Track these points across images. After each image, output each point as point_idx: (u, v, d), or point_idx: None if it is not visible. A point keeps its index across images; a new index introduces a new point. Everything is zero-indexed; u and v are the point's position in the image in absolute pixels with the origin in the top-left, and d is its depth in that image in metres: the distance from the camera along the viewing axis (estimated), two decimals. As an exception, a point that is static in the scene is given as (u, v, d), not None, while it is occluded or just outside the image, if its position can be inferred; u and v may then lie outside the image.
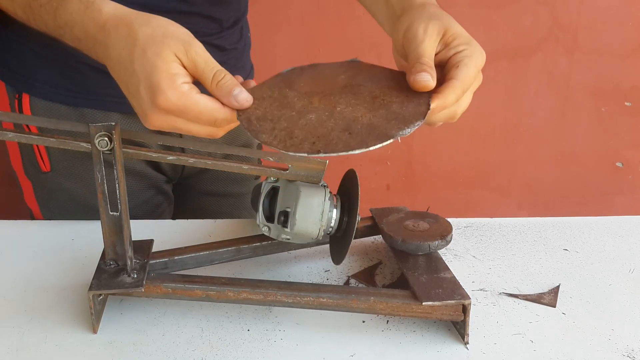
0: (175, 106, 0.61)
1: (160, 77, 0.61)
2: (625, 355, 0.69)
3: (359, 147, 0.58)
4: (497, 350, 0.69)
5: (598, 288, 0.81)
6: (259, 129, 0.62)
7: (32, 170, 1.00)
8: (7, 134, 0.68)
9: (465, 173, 1.77)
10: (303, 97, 0.65)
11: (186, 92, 0.61)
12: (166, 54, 0.61)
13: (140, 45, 0.62)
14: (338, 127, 0.61)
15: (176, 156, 0.70)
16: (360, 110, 0.62)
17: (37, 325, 0.71)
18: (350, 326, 0.72)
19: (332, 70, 0.68)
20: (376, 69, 0.68)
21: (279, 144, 0.60)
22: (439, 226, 0.80)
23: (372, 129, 0.60)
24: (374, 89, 0.65)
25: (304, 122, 0.62)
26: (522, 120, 1.71)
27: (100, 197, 0.69)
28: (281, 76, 0.68)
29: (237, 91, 0.63)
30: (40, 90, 0.93)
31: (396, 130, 0.59)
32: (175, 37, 0.63)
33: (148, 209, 1.03)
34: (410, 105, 0.63)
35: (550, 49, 1.65)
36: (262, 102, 0.64)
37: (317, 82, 0.67)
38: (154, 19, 0.64)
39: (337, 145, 0.59)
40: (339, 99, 0.64)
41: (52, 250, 0.87)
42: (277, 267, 0.84)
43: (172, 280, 0.71)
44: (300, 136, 0.61)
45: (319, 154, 0.59)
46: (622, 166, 1.80)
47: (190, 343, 0.69)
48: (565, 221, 0.99)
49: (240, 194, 1.13)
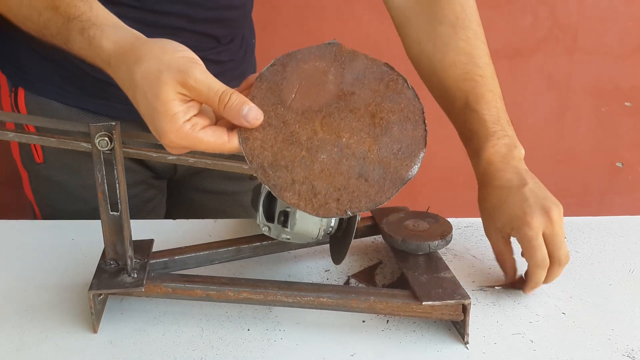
0: (182, 145, 0.62)
1: (161, 120, 0.60)
2: (625, 355, 0.69)
3: (380, 200, 0.64)
4: (497, 350, 0.69)
5: (598, 288, 0.81)
6: (279, 183, 0.63)
7: (27, 161, 1.02)
8: (7, 133, 0.69)
9: (466, 173, 1.76)
10: (303, 120, 0.65)
11: (188, 133, 0.60)
12: (164, 94, 0.60)
13: (140, 89, 0.61)
14: (353, 173, 0.64)
15: (176, 156, 0.70)
16: (366, 141, 0.65)
17: (37, 325, 0.71)
18: (350, 326, 0.72)
19: (313, 64, 0.67)
20: (358, 60, 0.68)
21: (307, 206, 0.63)
22: (439, 226, 0.80)
23: (386, 171, 0.64)
24: (366, 97, 0.66)
25: (319, 168, 0.64)
26: (522, 120, 1.71)
27: (100, 196, 0.69)
28: (265, 81, 0.66)
29: (246, 110, 0.61)
30: (35, 86, 0.94)
31: (406, 170, 0.65)
32: (171, 69, 0.60)
33: (138, 203, 1.03)
34: (408, 126, 0.66)
35: (550, 49, 1.65)
36: (265, 134, 0.64)
37: (307, 91, 0.66)
38: (149, 50, 0.62)
39: (360, 202, 0.63)
40: (340, 122, 0.65)
41: (52, 250, 0.87)
42: (277, 267, 0.84)
43: (172, 280, 0.71)
44: (323, 191, 0.63)
45: (347, 214, 0.63)
46: (622, 166, 1.80)
47: (190, 343, 0.69)
48: (565, 221, 0.98)
49: (235, 192, 1.14)
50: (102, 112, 0.94)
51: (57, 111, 0.94)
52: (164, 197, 1.11)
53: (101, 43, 0.65)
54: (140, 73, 0.61)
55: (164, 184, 1.10)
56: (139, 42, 0.64)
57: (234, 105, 0.61)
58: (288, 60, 0.67)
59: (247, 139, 0.63)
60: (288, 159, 0.64)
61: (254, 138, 0.63)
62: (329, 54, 0.68)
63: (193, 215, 1.11)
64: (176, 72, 0.60)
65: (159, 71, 0.60)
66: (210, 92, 0.60)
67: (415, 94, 0.66)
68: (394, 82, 0.67)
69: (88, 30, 0.66)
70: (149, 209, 1.06)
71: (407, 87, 0.67)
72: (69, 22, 0.68)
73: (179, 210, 1.14)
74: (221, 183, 1.12)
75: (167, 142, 0.62)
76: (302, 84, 0.66)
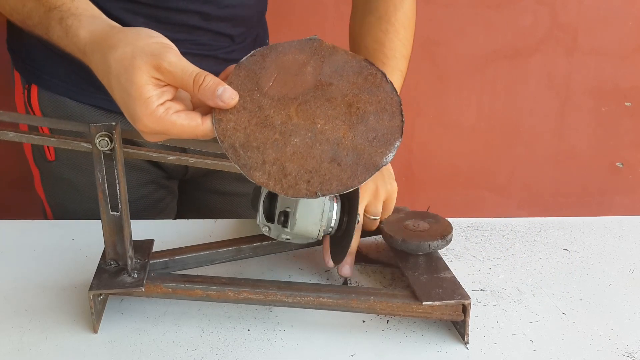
0: (155, 130, 0.61)
1: (135, 104, 0.60)
2: (625, 355, 0.69)
3: (352, 184, 0.62)
4: (497, 350, 0.69)
5: (598, 288, 0.81)
6: (249, 162, 0.62)
7: (39, 159, 1.02)
8: (7, 133, 0.69)
9: (466, 173, 1.77)
10: (278, 106, 0.64)
11: (162, 116, 0.60)
12: (138, 78, 0.60)
13: (114, 74, 0.61)
14: (326, 157, 0.63)
15: (176, 156, 0.70)
16: (340, 128, 0.64)
17: (37, 325, 0.71)
18: (350, 326, 0.72)
19: (293, 56, 0.67)
20: (338, 55, 0.68)
21: (276, 186, 0.62)
22: (439, 226, 0.80)
23: (359, 157, 0.63)
24: (344, 88, 0.66)
25: (291, 151, 0.63)
26: (522, 121, 1.71)
27: (100, 196, 0.69)
28: (244, 69, 0.66)
29: (221, 90, 0.61)
30: (48, 83, 0.94)
31: (380, 156, 0.63)
32: (144, 53, 0.60)
33: (147, 203, 1.03)
34: (385, 116, 0.65)
35: (550, 49, 1.65)
36: (239, 116, 0.63)
37: (285, 80, 0.66)
38: (123, 37, 0.62)
39: (331, 184, 0.62)
40: (316, 109, 0.64)
41: (52, 250, 0.87)
42: (277, 267, 0.84)
43: (173, 280, 0.71)
44: (294, 172, 0.62)
45: (317, 196, 0.61)
46: (622, 166, 1.80)
47: (190, 343, 0.69)
48: (566, 221, 0.99)
49: (246, 193, 1.13)
50: (115, 110, 0.93)
51: (70, 108, 0.94)
52: (174, 198, 1.11)
53: (78, 32, 0.65)
54: (115, 59, 0.61)
55: (175, 184, 1.10)
56: (113, 31, 0.64)
57: (208, 86, 0.61)
58: (268, 52, 0.67)
59: (220, 120, 0.63)
60: (260, 140, 0.63)
61: (227, 120, 0.63)
62: (309, 48, 0.68)
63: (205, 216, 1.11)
64: (150, 57, 0.60)
65: (133, 56, 0.60)
66: (184, 74, 0.61)
67: (393, 87, 0.66)
68: (373, 76, 0.66)
69: (66, 20, 0.67)
70: (159, 209, 1.06)
71: (385, 81, 0.66)
72: (49, 12, 0.69)
73: (189, 212, 1.14)
74: (232, 184, 1.12)
75: (140, 127, 0.61)
76: (281, 73, 0.66)
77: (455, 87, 1.66)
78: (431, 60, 1.61)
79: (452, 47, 1.61)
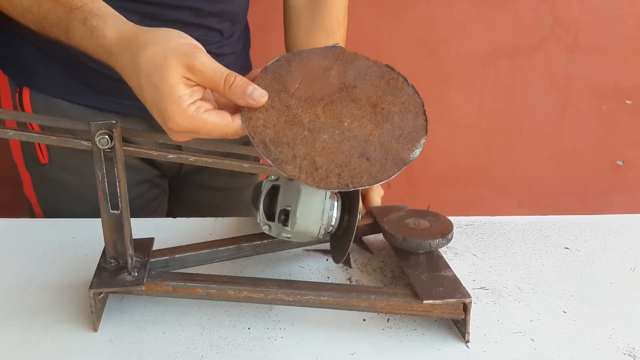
0: (186, 128, 0.63)
1: (166, 103, 0.61)
2: (626, 353, 0.69)
3: (382, 177, 0.63)
4: (497, 349, 0.69)
5: (599, 286, 0.81)
6: (280, 157, 0.64)
7: (31, 163, 1.01)
8: (8, 131, 0.68)
9: (466, 171, 1.77)
10: (305, 106, 0.66)
11: (193, 115, 0.62)
12: (170, 77, 0.61)
13: (145, 73, 0.62)
14: (355, 152, 0.64)
15: (177, 154, 0.70)
16: (367, 126, 0.66)
17: (37, 324, 0.71)
18: (351, 324, 0.72)
19: (317, 61, 0.70)
20: (360, 61, 0.70)
21: (308, 178, 0.63)
22: (440, 224, 0.80)
23: (387, 153, 0.64)
24: (368, 90, 0.68)
25: (320, 146, 0.64)
26: (522, 119, 1.71)
27: (100, 195, 0.69)
28: (270, 72, 0.68)
29: (251, 89, 0.63)
30: (41, 85, 0.94)
31: (407, 152, 0.65)
32: (177, 53, 0.62)
33: (142, 202, 1.03)
34: (409, 116, 0.67)
35: (551, 47, 1.65)
36: (268, 115, 0.65)
37: (310, 82, 0.68)
38: (154, 36, 0.64)
39: (362, 177, 0.63)
40: (342, 109, 0.66)
41: (52, 248, 0.87)
42: (278, 266, 0.84)
43: (173, 278, 0.71)
44: (324, 166, 0.64)
45: (349, 188, 0.63)
46: (622, 164, 1.79)
47: (190, 341, 0.69)
48: (566, 219, 0.98)
49: (236, 188, 1.14)
50: (109, 109, 0.94)
51: (63, 109, 0.94)
52: (166, 196, 1.11)
53: (104, 32, 0.66)
54: (146, 57, 0.62)
55: (166, 182, 1.10)
56: (141, 31, 0.65)
57: (238, 86, 0.63)
58: (293, 58, 0.70)
59: (250, 118, 0.65)
60: (290, 137, 0.65)
61: (257, 118, 0.65)
62: (332, 55, 0.70)
63: (195, 212, 1.11)
64: (182, 56, 0.61)
65: (165, 55, 0.61)
66: (215, 74, 0.62)
67: (415, 90, 0.68)
68: (395, 80, 0.69)
69: (91, 20, 0.67)
70: (152, 208, 1.06)
71: (407, 85, 0.68)
72: (70, 12, 0.69)
73: (180, 208, 1.15)
74: (223, 179, 1.12)
75: (171, 126, 0.62)
76: (306, 76, 0.68)
77: (456, 86, 1.66)
78: (432, 58, 1.61)
79: (452, 45, 1.61)
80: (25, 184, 1.05)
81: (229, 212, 1.14)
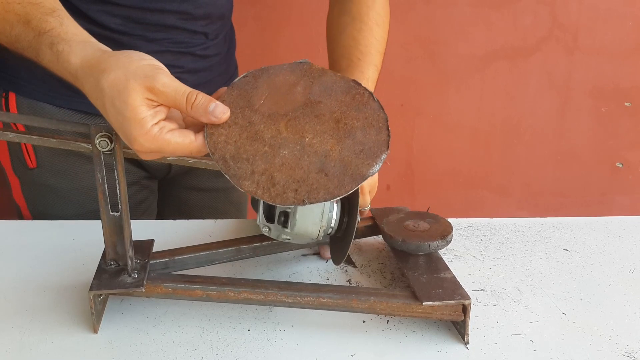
0: (151, 149, 0.63)
1: (130, 125, 0.62)
2: (626, 355, 0.69)
3: (338, 193, 0.63)
4: (497, 350, 0.69)
5: (598, 288, 0.81)
6: (239, 173, 0.64)
7: (19, 167, 1.02)
8: (7, 134, 0.69)
9: (466, 173, 1.77)
10: (268, 122, 0.66)
11: (156, 136, 0.62)
12: (132, 100, 0.61)
13: (108, 97, 0.62)
14: (314, 167, 0.64)
15: (176, 156, 0.70)
16: (328, 141, 0.66)
17: (37, 325, 0.71)
18: (350, 326, 0.72)
19: (284, 77, 0.70)
20: (327, 76, 0.70)
21: (264, 194, 0.63)
22: (439, 226, 0.80)
23: (346, 168, 0.64)
24: (332, 106, 0.68)
25: (279, 162, 0.64)
26: (522, 121, 1.71)
27: (100, 197, 0.69)
28: (236, 88, 0.68)
29: (212, 106, 0.64)
30: (26, 89, 0.94)
31: (367, 168, 0.65)
32: (137, 76, 0.62)
33: (131, 204, 1.03)
34: (372, 131, 0.67)
35: (550, 49, 1.65)
36: (230, 131, 0.65)
37: (276, 98, 0.68)
38: (115, 60, 0.64)
39: (318, 193, 0.63)
40: (305, 124, 0.66)
41: (52, 250, 0.87)
42: (278, 267, 0.84)
43: (173, 280, 0.71)
44: (282, 182, 0.64)
45: (304, 204, 0.63)
46: (622, 166, 1.80)
47: (190, 343, 0.69)
48: (566, 221, 0.99)
49: (225, 188, 1.14)
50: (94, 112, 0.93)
51: (49, 113, 0.94)
52: (155, 198, 1.12)
53: (69, 58, 0.66)
54: (108, 82, 0.62)
55: (155, 184, 1.11)
56: (104, 55, 0.65)
57: (200, 104, 0.63)
58: (260, 74, 0.70)
59: (212, 134, 0.65)
60: (250, 152, 0.65)
61: (219, 134, 0.65)
62: (299, 70, 0.70)
63: (184, 214, 1.11)
64: (143, 78, 0.62)
65: (127, 79, 0.62)
66: (177, 94, 0.62)
67: (380, 105, 0.68)
68: (360, 95, 0.69)
69: (57, 45, 0.67)
70: (141, 210, 1.06)
71: (372, 100, 0.68)
72: (39, 36, 0.69)
73: (170, 210, 1.15)
74: (211, 180, 1.12)
75: (137, 147, 0.63)
76: (272, 92, 0.69)
77: (456, 87, 1.66)
78: (431, 60, 1.61)
79: (452, 46, 1.61)
80: (14, 188, 1.05)
81: (219, 213, 1.15)
